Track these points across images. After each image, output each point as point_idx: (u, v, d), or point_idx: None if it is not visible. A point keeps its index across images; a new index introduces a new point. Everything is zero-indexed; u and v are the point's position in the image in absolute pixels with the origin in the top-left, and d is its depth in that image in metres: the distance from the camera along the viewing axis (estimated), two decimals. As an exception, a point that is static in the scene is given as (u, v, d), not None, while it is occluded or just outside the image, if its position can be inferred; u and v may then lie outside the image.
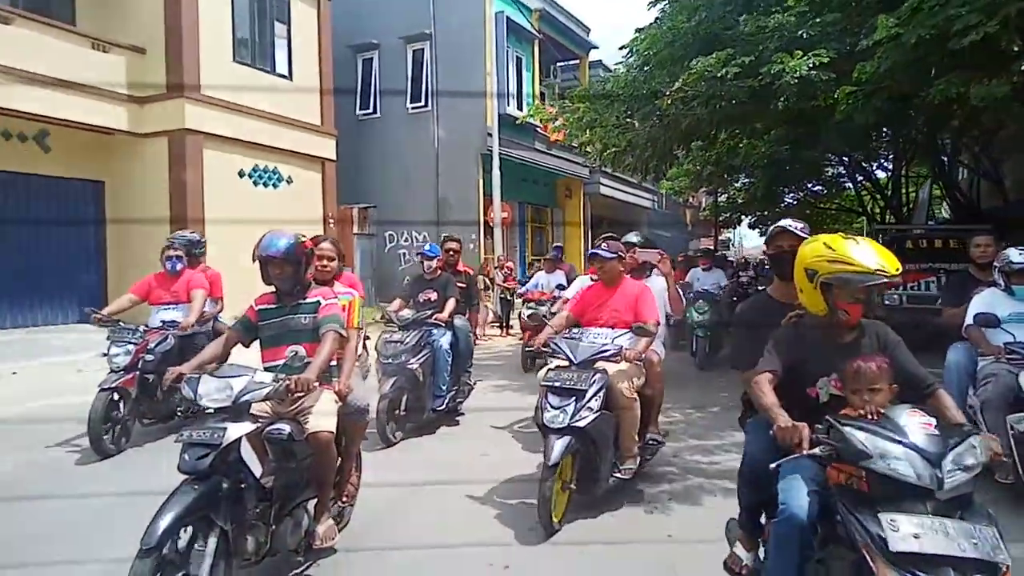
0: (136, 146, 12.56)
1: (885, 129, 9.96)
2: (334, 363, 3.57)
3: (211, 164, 12.68)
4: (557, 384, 3.96)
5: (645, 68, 8.40)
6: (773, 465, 2.30)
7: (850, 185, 19.44)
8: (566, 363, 4.08)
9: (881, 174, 18.58)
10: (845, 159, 16.27)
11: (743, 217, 23.95)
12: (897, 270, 2.39)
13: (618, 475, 4.19)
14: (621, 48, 8.93)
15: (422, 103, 17.36)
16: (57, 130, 11.78)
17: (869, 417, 2.24)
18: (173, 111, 12.27)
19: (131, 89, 12.25)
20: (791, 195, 20.28)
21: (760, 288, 13.27)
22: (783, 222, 3.05)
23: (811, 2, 6.71)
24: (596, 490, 4.09)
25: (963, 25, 5.18)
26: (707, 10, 7.36)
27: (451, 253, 6.91)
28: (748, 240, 55.49)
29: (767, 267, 14.68)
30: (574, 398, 3.86)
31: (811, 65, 6.02)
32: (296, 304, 3.48)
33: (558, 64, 20.22)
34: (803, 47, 6.25)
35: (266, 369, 3.35)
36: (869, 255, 2.39)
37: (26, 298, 11.64)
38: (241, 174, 13.45)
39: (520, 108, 17.68)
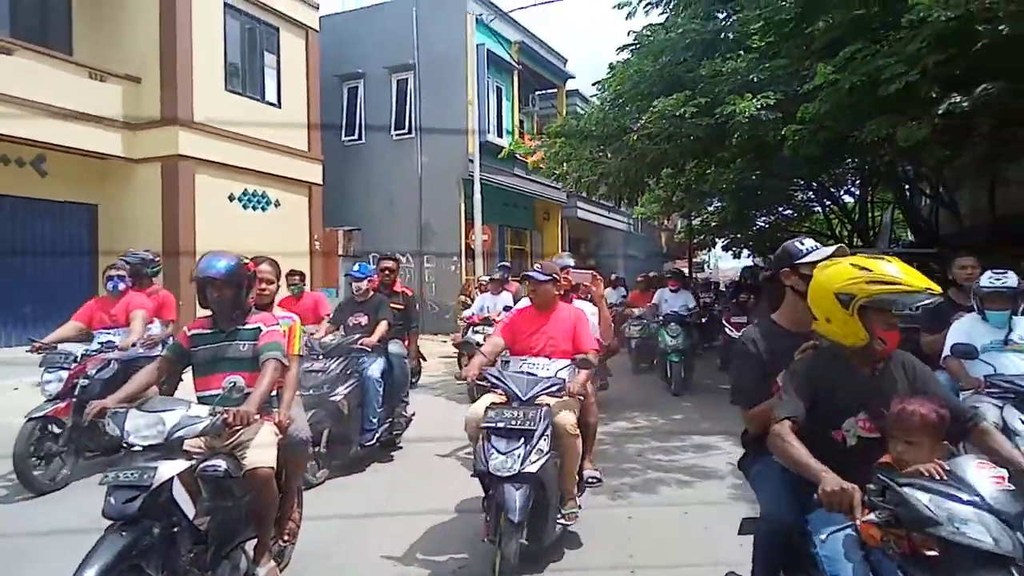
0: (130, 171, 13.02)
1: (834, 160, 10.70)
2: (274, 393, 3.39)
3: (202, 188, 13.18)
4: (502, 425, 3.49)
5: (616, 105, 9.14)
6: (823, 537, 2.06)
7: (819, 209, 20.24)
8: (503, 399, 3.68)
9: (849, 199, 19.36)
10: (813, 184, 16.98)
11: (717, 240, 24.74)
12: (939, 290, 2.17)
13: (562, 521, 3.82)
14: (594, 84, 9.64)
15: (406, 130, 18.00)
16: (54, 155, 12.22)
17: (931, 474, 1.91)
18: (167, 138, 12.77)
19: (126, 117, 12.76)
20: (763, 219, 21.05)
21: (715, 305, 13.22)
22: (801, 245, 2.77)
23: (762, 49, 7.47)
24: (544, 539, 3.67)
25: (890, 74, 5.91)
26: (671, 54, 8.09)
27: (387, 273, 6.40)
28: (723, 262, 56.85)
29: (731, 288, 15.24)
30: (522, 440, 3.45)
31: (759, 106, 6.75)
32: (234, 330, 3.29)
33: (537, 93, 20.97)
34: (754, 90, 6.99)
35: (199, 399, 3.17)
36: (912, 274, 2.15)
37: (22, 316, 11.99)
38: (231, 198, 13.95)
39: (500, 136, 18.42)
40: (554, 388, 3.68)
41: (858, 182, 17.14)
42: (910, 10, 5.59)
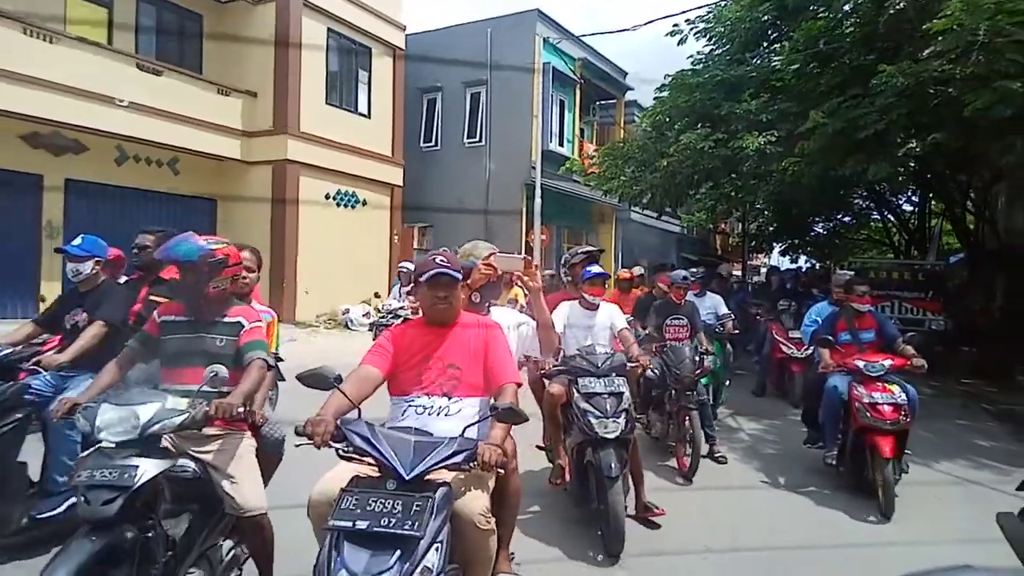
0: (244, 171, 15.46)
1: (828, 189, 11.69)
2: None
3: (304, 187, 15.53)
4: (364, 526, 2.13)
5: (654, 133, 10.88)
6: None
7: (877, 217, 20.08)
8: (373, 470, 2.34)
9: (909, 207, 19.04)
10: (868, 192, 16.95)
11: (774, 244, 25.23)
12: None
13: None
14: (642, 112, 11.34)
15: (477, 139, 20.05)
16: (185, 157, 14.70)
17: None
18: (277, 144, 15.13)
19: (244, 126, 15.16)
20: (821, 224, 21.10)
21: (758, 314, 11.36)
22: None
23: (772, 93, 9.10)
24: None
25: (865, 122, 7.48)
26: (701, 93, 9.77)
27: (137, 252, 4.37)
28: (783, 266, 56.50)
29: (753, 288, 15.18)
30: (397, 553, 2.09)
31: (763, 142, 8.38)
32: (212, 323, 3.03)
33: (598, 103, 22.68)
34: (762, 127, 8.62)
35: (164, 392, 2.79)
36: None
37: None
38: (327, 196, 16.26)
39: (562, 144, 20.29)
40: (460, 458, 2.33)
41: (917, 191, 16.99)
42: (876, 76, 7.17)
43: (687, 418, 5.50)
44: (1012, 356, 10.90)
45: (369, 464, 2.34)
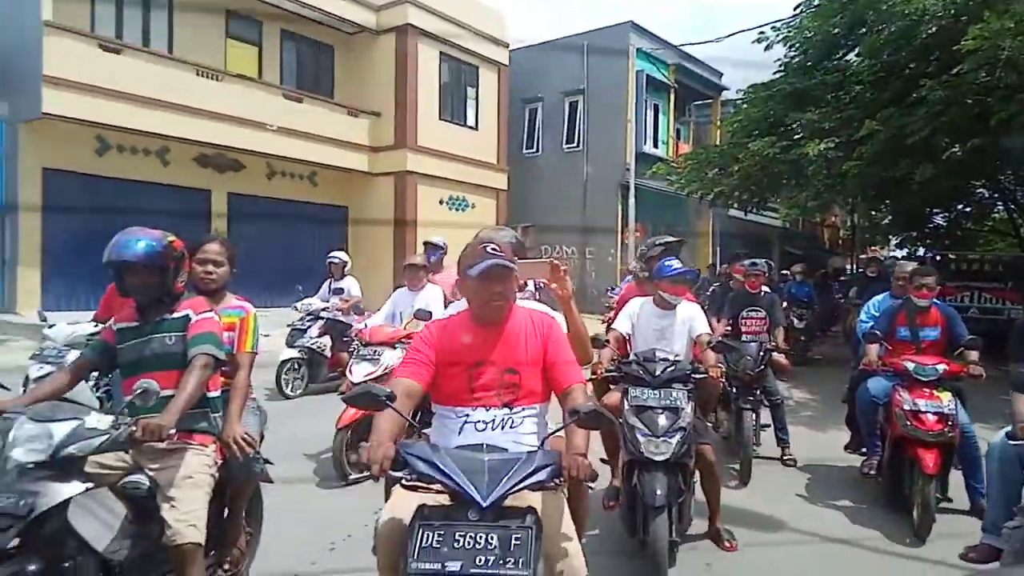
0: (369, 182, 17.66)
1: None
2: (216, 393, 2.87)
3: (422, 195, 17.57)
4: (457, 568, 1.89)
5: (731, 140, 11.99)
6: None
7: (1001, 207, 19.08)
8: (443, 497, 2.06)
9: None
10: (989, 183, 16.17)
11: (890, 237, 24.45)
12: None
13: None
14: (720, 123, 12.43)
15: (575, 144, 21.50)
16: (321, 171, 17.04)
17: None
18: (398, 158, 17.23)
19: (370, 143, 17.36)
20: (940, 216, 19.83)
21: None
22: None
23: (849, 99, 9.97)
24: None
25: (911, 130, 8.36)
26: (772, 104, 10.82)
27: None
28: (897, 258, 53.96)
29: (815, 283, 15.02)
30: None
31: (823, 148, 9.34)
32: (160, 321, 2.76)
33: (693, 104, 23.47)
34: (823, 135, 9.58)
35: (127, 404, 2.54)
36: None
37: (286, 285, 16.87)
38: (441, 202, 18.26)
39: (656, 146, 21.42)
40: (544, 475, 2.02)
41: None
42: (918, 88, 8.06)
43: (743, 418, 5.19)
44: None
45: (437, 492, 2.04)
